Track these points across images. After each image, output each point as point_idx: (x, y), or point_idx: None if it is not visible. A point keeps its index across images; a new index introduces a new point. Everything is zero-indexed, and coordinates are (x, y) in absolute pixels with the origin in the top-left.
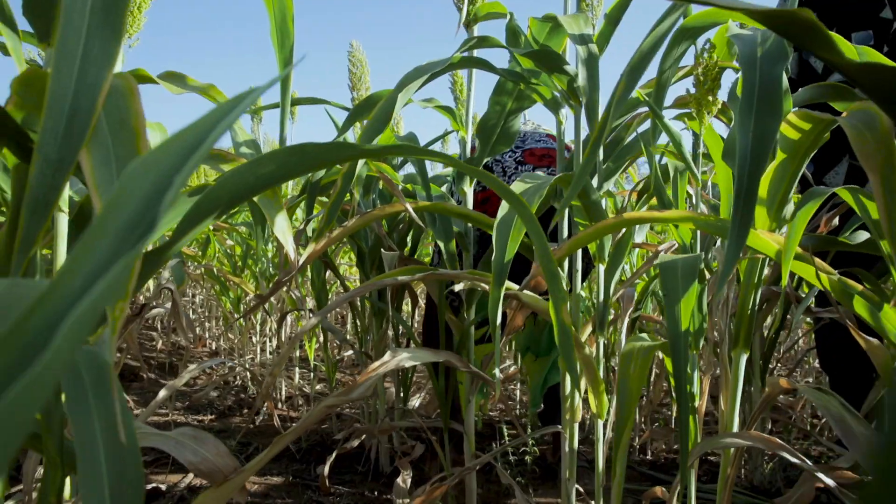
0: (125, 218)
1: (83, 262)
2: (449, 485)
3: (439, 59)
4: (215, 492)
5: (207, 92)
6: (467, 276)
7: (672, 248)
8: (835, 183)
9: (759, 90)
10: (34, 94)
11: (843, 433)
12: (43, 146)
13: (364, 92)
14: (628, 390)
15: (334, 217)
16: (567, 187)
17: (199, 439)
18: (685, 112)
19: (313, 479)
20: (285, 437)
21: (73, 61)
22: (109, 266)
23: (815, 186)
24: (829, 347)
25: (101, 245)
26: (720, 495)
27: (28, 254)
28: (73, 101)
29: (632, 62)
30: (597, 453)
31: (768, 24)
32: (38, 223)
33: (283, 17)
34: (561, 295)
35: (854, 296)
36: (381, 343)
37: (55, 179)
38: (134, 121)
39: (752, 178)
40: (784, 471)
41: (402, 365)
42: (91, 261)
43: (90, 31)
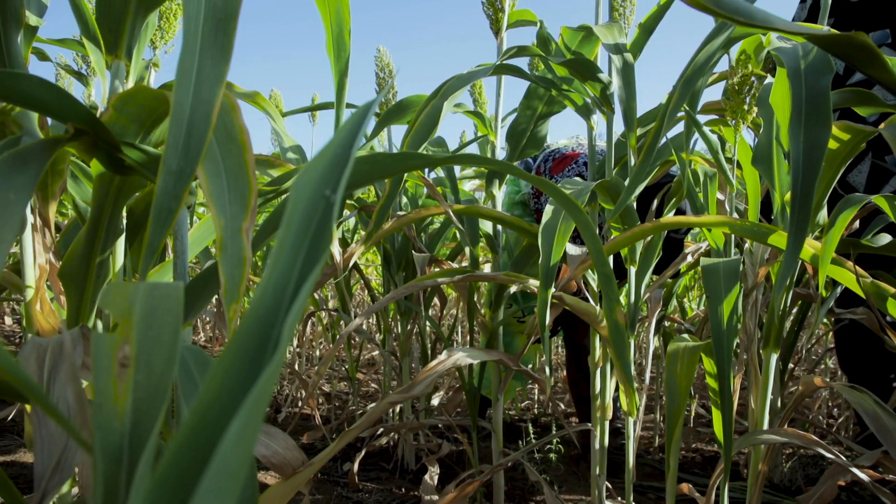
0: (294, 234)
1: (272, 278)
2: (480, 481)
3: (481, 69)
4: (286, 484)
5: (252, 98)
6: (505, 278)
7: (699, 250)
8: (858, 181)
9: (807, 102)
10: (132, 109)
11: (878, 429)
12: (167, 159)
13: (392, 97)
14: (677, 388)
15: (384, 220)
16: (603, 192)
17: (270, 434)
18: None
19: (342, 476)
20: (350, 432)
21: (189, 81)
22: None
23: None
24: (848, 348)
25: (281, 260)
26: (750, 491)
27: (153, 259)
28: (191, 117)
29: (685, 74)
30: (627, 451)
31: (827, 48)
32: (163, 230)
33: (341, 30)
34: (615, 296)
35: (888, 298)
36: (408, 343)
37: (177, 189)
38: (239, 134)
39: (807, 186)
40: (804, 469)
41: (459, 363)
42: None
43: (203, 52)
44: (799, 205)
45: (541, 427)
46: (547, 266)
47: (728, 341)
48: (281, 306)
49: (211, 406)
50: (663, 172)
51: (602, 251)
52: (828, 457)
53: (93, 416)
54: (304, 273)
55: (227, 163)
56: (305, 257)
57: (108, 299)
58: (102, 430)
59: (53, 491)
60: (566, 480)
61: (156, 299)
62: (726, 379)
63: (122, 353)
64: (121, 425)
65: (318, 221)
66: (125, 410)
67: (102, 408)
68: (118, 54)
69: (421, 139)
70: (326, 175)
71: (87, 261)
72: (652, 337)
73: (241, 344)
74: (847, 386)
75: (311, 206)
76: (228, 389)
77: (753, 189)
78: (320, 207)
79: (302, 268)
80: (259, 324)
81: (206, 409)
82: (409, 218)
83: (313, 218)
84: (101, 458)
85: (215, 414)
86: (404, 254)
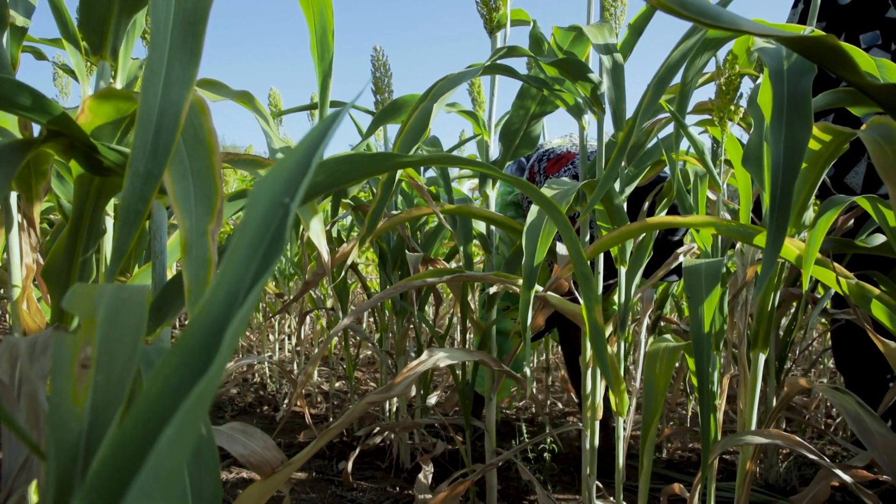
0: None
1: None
2: (472, 480)
3: (471, 70)
4: (264, 484)
5: (245, 99)
6: (494, 278)
7: (690, 251)
8: (855, 183)
9: (788, 102)
10: (106, 110)
11: (860, 431)
12: (134, 161)
13: (388, 96)
14: (654, 388)
15: (376, 225)
16: (591, 192)
17: (248, 433)
18: (704, 118)
19: (336, 475)
20: (329, 432)
21: (157, 82)
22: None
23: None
24: (844, 348)
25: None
26: (739, 491)
27: (120, 261)
28: (159, 118)
29: (659, 74)
30: (617, 451)
31: (797, 49)
32: (130, 233)
33: (324, 31)
34: (594, 296)
35: (872, 299)
36: (403, 342)
37: (144, 191)
38: (207, 137)
39: (786, 187)
40: (799, 469)
41: (439, 364)
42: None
43: (172, 54)
44: (779, 204)
45: (537, 426)
46: (530, 266)
47: (708, 342)
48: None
49: (151, 407)
50: (655, 173)
51: (580, 251)
52: (810, 458)
53: (48, 415)
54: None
55: (195, 165)
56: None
57: (72, 300)
58: (58, 429)
59: (20, 489)
60: (560, 480)
61: (120, 301)
62: (706, 379)
63: (84, 355)
64: (78, 425)
65: (274, 229)
66: (84, 411)
67: (60, 408)
68: (103, 55)
69: (412, 141)
70: (287, 183)
71: (69, 261)
72: (644, 338)
73: (188, 346)
74: (830, 387)
75: (269, 213)
76: (171, 391)
77: (745, 189)
78: (278, 215)
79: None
80: (207, 327)
81: (146, 410)
82: (401, 217)
83: (270, 225)
84: (55, 458)
85: (154, 415)
86: (399, 253)
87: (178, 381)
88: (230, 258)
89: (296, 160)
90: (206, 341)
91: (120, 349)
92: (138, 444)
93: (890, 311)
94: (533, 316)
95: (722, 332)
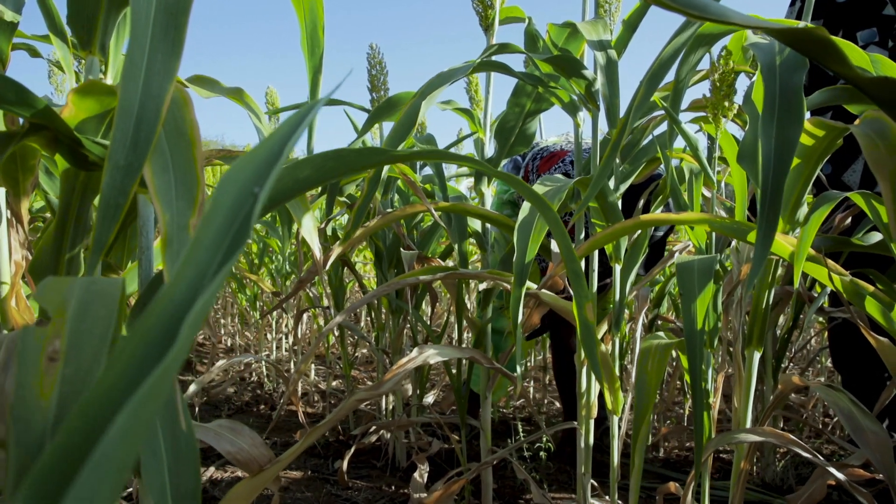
0: (217, 227)
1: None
2: (467, 479)
3: (462, 66)
4: (251, 481)
5: (237, 95)
6: (488, 276)
7: (686, 248)
8: (852, 181)
9: (780, 98)
10: (90, 104)
11: (853, 429)
12: (113, 153)
13: (384, 93)
14: (646, 385)
15: (361, 220)
16: (585, 189)
17: (236, 431)
18: (701, 115)
19: (332, 474)
20: (318, 429)
21: (138, 74)
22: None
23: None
24: (842, 347)
25: (200, 254)
26: (733, 490)
27: (100, 255)
28: (139, 111)
29: (651, 70)
30: (612, 449)
31: (785, 41)
32: (110, 226)
33: (315, 26)
34: (584, 293)
35: (866, 296)
36: (399, 341)
37: (124, 184)
38: (189, 130)
39: (777, 183)
40: (796, 468)
41: (429, 361)
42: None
43: (153, 46)
44: (769, 200)
45: (534, 426)
46: (521, 263)
47: (700, 338)
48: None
49: (105, 394)
50: (651, 171)
51: (571, 248)
52: (804, 455)
53: (11, 408)
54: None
55: (176, 158)
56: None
57: (44, 293)
58: (22, 422)
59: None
60: (556, 479)
61: (92, 294)
62: (698, 376)
63: (52, 348)
64: (44, 419)
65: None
66: (50, 405)
67: (25, 401)
68: (92, 50)
69: (401, 137)
70: (257, 172)
71: (56, 257)
72: (639, 336)
73: (147, 333)
74: (824, 385)
75: (237, 201)
76: (127, 378)
77: (740, 187)
78: (247, 204)
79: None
80: (169, 314)
81: (99, 398)
82: (395, 215)
83: (239, 214)
84: (16, 451)
85: (108, 403)
86: (395, 251)
87: (136, 369)
88: (196, 245)
89: (267, 150)
90: (167, 328)
91: (90, 341)
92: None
93: (884, 307)
94: (527, 314)
95: (716, 329)
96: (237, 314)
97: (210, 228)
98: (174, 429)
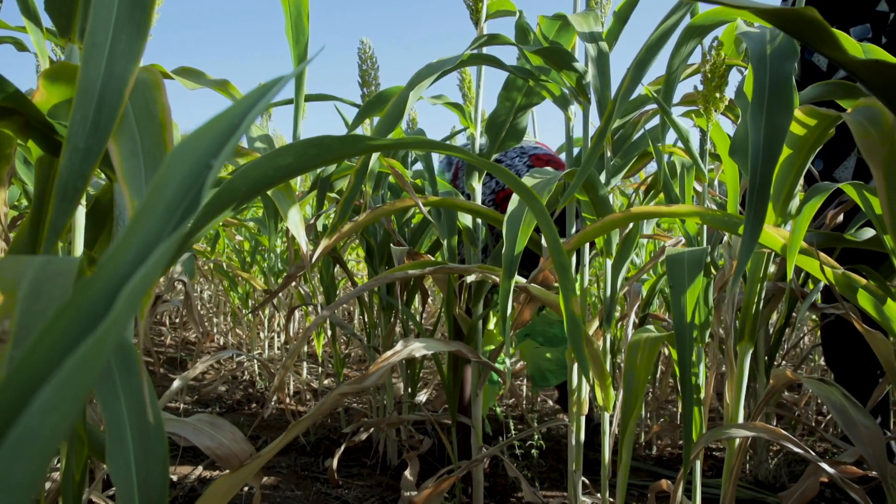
0: (169, 197)
1: (132, 240)
2: (457, 477)
3: (450, 57)
4: (231, 477)
5: (222, 87)
6: (477, 270)
7: (679, 243)
8: (844, 178)
9: (770, 87)
10: (61, 88)
11: (845, 423)
12: (72, 136)
13: (374, 89)
14: (635, 379)
15: (348, 213)
16: None
17: (216, 425)
18: (693, 109)
19: (322, 472)
20: (300, 424)
21: (101, 55)
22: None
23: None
24: (834, 344)
25: (149, 223)
26: (725, 486)
27: (57, 239)
28: (101, 92)
29: (638, 57)
30: (603, 446)
31: (775, 22)
32: (67, 210)
33: (299, 13)
34: (571, 286)
35: (858, 290)
36: (390, 338)
37: (83, 168)
38: (160, 113)
39: (765, 173)
40: (789, 466)
41: (414, 354)
42: (140, 238)
43: (117, 27)
44: (758, 191)
45: (526, 424)
46: (510, 256)
47: (690, 331)
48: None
49: (33, 366)
50: (642, 165)
51: (558, 240)
52: (796, 451)
53: None
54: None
55: (146, 142)
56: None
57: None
58: None
59: None
60: (548, 477)
61: (48, 273)
62: (687, 369)
63: (2, 328)
64: None
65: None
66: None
67: None
68: (71, 38)
69: (388, 128)
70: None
71: (32, 248)
72: (630, 332)
73: (86, 302)
74: (816, 379)
75: (192, 173)
76: (59, 348)
77: (732, 181)
78: (202, 176)
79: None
80: (111, 284)
81: (27, 369)
82: (384, 210)
83: (193, 185)
84: None
85: (36, 374)
86: (386, 247)
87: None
88: (143, 215)
89: (226, 122)
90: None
91: (42, 322)
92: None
93: (876, 301)
94: (519, 310)
95: (707, 323)
96: (229, 313)
97: (161, 197)
98: (142, 419)
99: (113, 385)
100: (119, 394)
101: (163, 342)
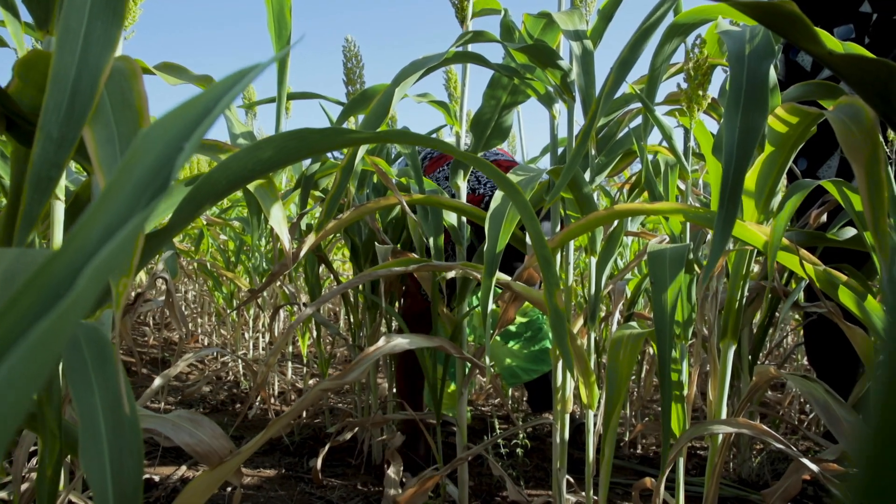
0: (138, 178)
1: (99, 218)
2: (441, 475)
3: (435, 54)
4: (211, 474)
5: (205, 83)
6: (461, 267)
7: (662, 241)
8: (827, 176)
9: (747, 86)
10: (36, 77)
11: (828, 419)
12: (45, 124)
13: (359, 87)
14: (617, 374)
15: (333, 211)
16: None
17: (196, 422)
18: (677, 108)
19: (306, 472)
20: (281, 420)
21: (75, 43)
22: (125, 222)
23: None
24: (817, 342)
25: (117, 203)
26: (708, 484)
27: (30, 230)
28: (75, 80)
29: (622, 55)
30: (587, 444)
31: (754, 15)
32: (41, 200)
33: (281, 7)
34: (554, 280)
35: (839, 286)
36: (374, 337)
37: (57, 157)
38: (137, 101)
39: (738, 171)
40: (772, 464)
41: (397, 349)
42: (107, 217)
43: (92, 14)
44: (730, 187)
45: (512, 423)
46: (492, 253)
47: (671, 327)
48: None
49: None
50: (627, 163)
51: (541, 235)
52: (779, 448)
53: None
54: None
55: (121, 130)
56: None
57: None
58: None
59: None
60: (533, 476)
61: (21, 265)
62: (667, 363)
63: None
64: None
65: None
66: None
67: None
68: (49, 30)
69: (373, 126)
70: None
71: (7, 244)
72: (615, 331)
73: (50, 280)
74: (799, 375)
75: (164, 155)
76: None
77: (716, 178)
78: (173, 158)
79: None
80: (76, 263)
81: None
82: (368, 207)
83: (164, 168)
84: None
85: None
86: (371, 246)
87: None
88: (111, 193)
89: (200, 106)
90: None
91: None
92: None
93: (857, 297)
94: (504, 308)
95: (690, 320)
96: (214, 313)
97: (130, 177)
98: (116, 412)
99: (87, 377)
100: (93, 387)
101: (146, 342)
